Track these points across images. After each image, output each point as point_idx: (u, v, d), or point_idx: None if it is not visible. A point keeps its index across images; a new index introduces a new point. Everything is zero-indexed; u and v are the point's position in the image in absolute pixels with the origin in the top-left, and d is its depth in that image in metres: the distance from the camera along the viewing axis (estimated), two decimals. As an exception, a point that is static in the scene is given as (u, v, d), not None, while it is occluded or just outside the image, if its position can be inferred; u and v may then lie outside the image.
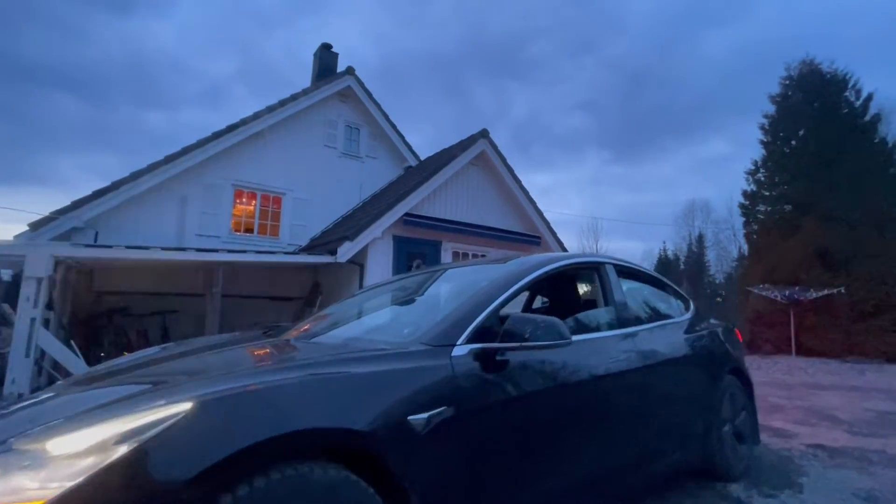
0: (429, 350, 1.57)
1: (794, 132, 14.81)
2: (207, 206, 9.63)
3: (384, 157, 12.37)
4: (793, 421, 4.64)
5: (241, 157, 10.05)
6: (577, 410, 1.93)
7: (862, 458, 3.47)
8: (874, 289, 11.88)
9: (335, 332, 1.97)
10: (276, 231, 10.47)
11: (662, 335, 2.66)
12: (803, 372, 9.07)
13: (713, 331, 3.16)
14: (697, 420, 2.69)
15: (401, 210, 8.65)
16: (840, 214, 12.78)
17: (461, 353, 1.60)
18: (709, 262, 38.84)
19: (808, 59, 15.21)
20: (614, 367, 2.13)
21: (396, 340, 1.72)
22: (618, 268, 2.67)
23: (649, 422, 2.32)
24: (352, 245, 7.92)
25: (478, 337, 1.69)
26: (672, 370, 2.59)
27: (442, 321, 1.71)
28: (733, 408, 3.03)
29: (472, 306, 1.78)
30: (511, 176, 10.44)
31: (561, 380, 1.87)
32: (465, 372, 1.56)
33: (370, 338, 1.81)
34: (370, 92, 11.97)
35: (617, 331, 2.35)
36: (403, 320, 2.02)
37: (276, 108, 10.33)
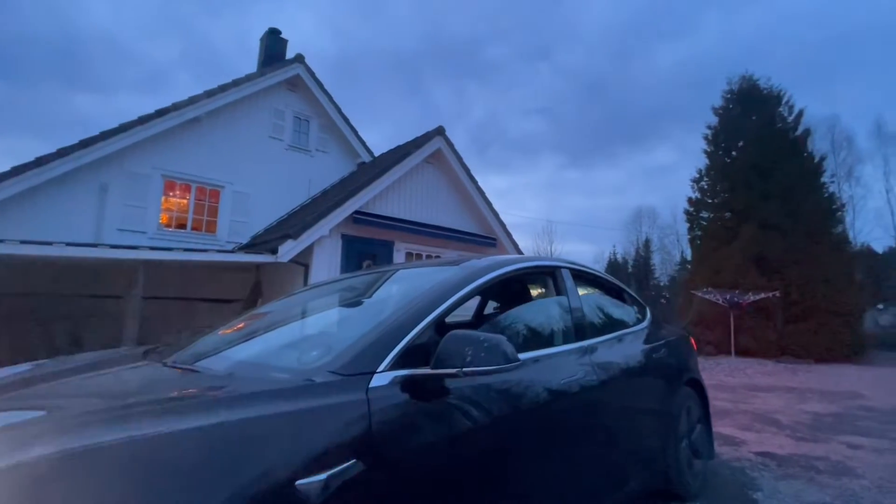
0: (338, 381, 1.19)
1: (735, 143, 15.61)
2: (132, 197, 8.67)
3: (335, 152, 11.77)
4: (740, 427, 4.64)
5: (174, 146, 9.15)
6: (531, 442, 1.62)
7: (808, 466, 3.43)
8: (804, 293, 12.68)
9: (228, 353, 1.55)
10: (213, 227, 9.63)
11: (622, 347, 2.43)
12: (743, 373, 9.43)
13: (670, 340, 2.98)
14: (657, 438, 2.48)
15: (350, 207, 8.16)
16: (775, 222, 13.56)
17: (382, 384, 1.24)
18: (654, 266, 40.79)
19: (748, 76, 16.12)
20: (572, 386, 1.85)
21: (299, 367, 1.33)
22: (574, 272, 2.41)
23: (612, 445, 2.07)
24: (295, 244, 7.34)
25: (407, 360, 1.33)
26: (632, 385, 2.36)
27: (358, 342, 1.33)
28: (690, 422, 2.86)
29: (401, 321, 1.42)
30: (467, 175, 10.20)
31: (512, 407, 1.56)
32: (386, 408, 1.20)
33: (268, 362, 1.41)
34: (321, 82, 11.35)
35: (574, 344, 2.07)
36: (317, 338, 1.62)
37: (216, 93, 9.50)
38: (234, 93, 9.85)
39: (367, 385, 1.21)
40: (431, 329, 1.48)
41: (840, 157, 25.79)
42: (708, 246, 15.24)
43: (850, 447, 3.96)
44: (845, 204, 15.68)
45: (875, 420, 5.12)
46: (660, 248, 40.52)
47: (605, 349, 2.25)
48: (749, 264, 13.56)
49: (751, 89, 15.80)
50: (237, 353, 1.55)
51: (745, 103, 15.65)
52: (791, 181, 13.76)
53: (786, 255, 13.17)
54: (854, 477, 3.21)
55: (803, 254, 12.99)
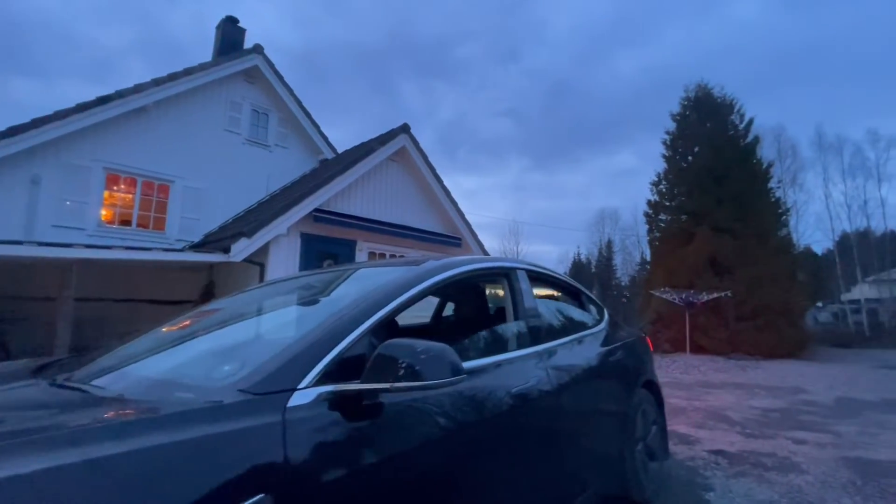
0: (248, 402, 1.03)
1: (691, 149, 16.24)
2: (70, 191, 8.01)
3: (296, 148, 11.35)
4: (694, 424, 4.73)
5: (118, 137, 8.52)
6: (483, 457, 1.50)
7: (758, 463, 3.51)
8: (753, 292, 13.33)
9: (132, 369, 1.34)
10: (162, 224, 9.05)
11: (578, 350, 2.36)
12: (697, 370, 9.78)
13: (627, 342, 2.95)
14: (614, 443, 2.43)
15: (310, 205, 7.85)
16: (726, 225, 14.19)
17: (303, 403, 1.09)
18: (616, 266, 42.11)
19: (703, 84, 16.81)
20: (526, 394, 1.75)
21: (207, 385, 1.15)
22: (530, 273, 2.32)
23: (569, 454, 1.99)
24: (249, 242, 6.98)
25: (339, 374, 1.19)
26: (589, 390, 2.29)
27: (278, 355, 1.17)
28: (645, 424, 2.84)
29: (332, 329, 1.27)
30: (432, 174, 10.07)
31: (459, 421, 1.43)
32: (306, 431, 1.05)
33: (174, 379, 1.22)
34: (281, 75, 10.91)
35: (529, 348, 1.97)
36: (236, 349, 1.44)
37: (165, 81, 8.92)
38: (186, 82, 9.29)
39: (285, 405, 1.06)
40: (371, 337, 1.33)
41: (785, 164, 27.39)
42: (665, 247, 15.79)
43: (795, 442, 4.10)
44: (790, 208, 16.61)
45: (817, 414, 5.36)
46: (621, 249, 41.92)
47: (561, 353, 2.17)
48: (703, 265, 14.14)
49: (706, 97, 16.49)
50: (142, 369, 1.35)
51: (701, 110, 16.32)
52: (741, 186, 14.45)
53: (736, 256, 13.81)
54: (799, 473, 3.30)
55: (752, 255, 13.66)
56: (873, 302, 27.53)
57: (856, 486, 3.07)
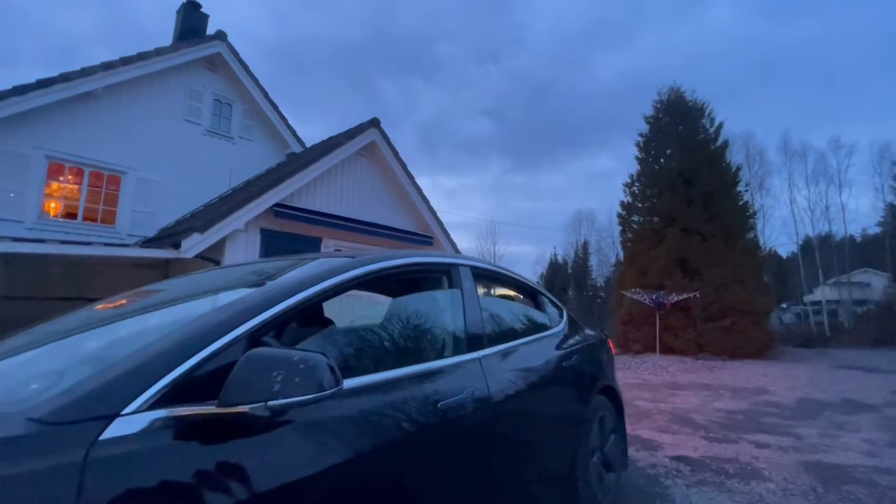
0: (37, 436, 0.76)
1: (663, 151, 16.45)
2: (6, 180, 7.39)
3: (262, 141, 10.89)
4: (658, 428, 4.62)
5: (63, 122, 7.93)
6: (408, 482, 1.27)
7: (720, 470, 3.39)
8: (720, 293, 13.55)
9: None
10: (112, 218, 8.49)
11: (529, 355, 2.15)
12: (665, 371, 9.81)
13: (586, 345, 2.76)
14: (567, 454, 2.23)
15: (270, 199, 7.46)
16: (696, 227, 14.40)
17: (125, 433, 0.82)
18: (592, 267, 42.68)
19: (676, 87, 17.06)
20: (460, 407, 1.52)
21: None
22: (476, 271, 2.09)
23: (514, 470, 1.78)
24: (202, 238, 6.57)
25: (194, 391, 0.93)
26: (539, 398, 2.09)
27: (105, 369, 0.90)
28: (603, 433, 2.66)
29: (189, 336, 1.01)
30: (403, 171, 9.78)
31: (372, 443, 1.19)
32: (121, 475, 0.79)
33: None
34: (246, 64, 10.44)
35: (467, 355, 1.75)
36: (66, 362, 1.15)
37: (117, 65, 8.36)
38: (141, 67, 8.73)
39: (95, 438, 0.79)
40: (235, 350, 1.06)
41: (753, 168, 28.22)
42: (637, 248, 15.93)
43: (757, 447, 4.02)
44: (757, 212, 17.03)
45: (779, 416, 5.34)
46: (597, 250, 42.53)
47: (507, 358, 1.96)
48: (673, 266, 14.30)
49: (678, 100, 16.73)
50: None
51: (673, 113, 16.54)
52: (711, 188, 14.70)
53: (705, 257, 14.02)
54: (762, 480, 3.19)
55: (720, 257, 13.90)
56: (833, 303, 28.68)
57: (817, 493, 2.97)
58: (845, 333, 23.62)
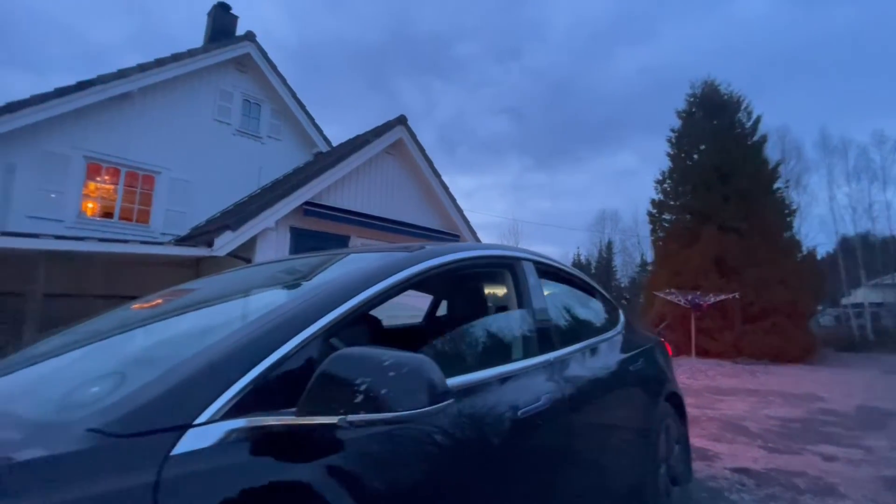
0: (103, 450, 0.63)
1: (696, 147, 15.85)
2: (47, 181, 7.60)
3: (289, 140, 10.95)
4: (710, 437, 4.34)
5: (100, 124, 8.12)
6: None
7: (789, 485, 3.12)
8: (760, 294, 12.94)
9: None
10: (146, 217, 8.65)
11: (596, 359, 1.97)
12: (704, 375, 9.38)
13: (647, 348, 2.56)
14: (635, 467, 2.04)
15: (300, 198, 7.46)
16: (733, 225, 13.80)
17: (199, 447, 0.69)
18: (616, 268, 41.76)
19: (710, 80, 16.43)
20: (538, 417, 1.36)
21: (56, 418, 0.76)
22: (539, 266, 1.92)
23: (584, 486, 1.60)
24: (234, 236, 6.59)
25: (268, 398, 0.80)
26: (609, 406, 1.90)
27: (171, 372, 0.78)
28: (668, 443, 2.45)
29: (258, 336, 0.88)
30: (430, 168, 9.67)
31: (454, 455, 1.05)
32: (199, 496, 0.66)
33: (18, 408, 0.82)
34: (275, 64, 10.51)
35: (538, 357, 1.58)
36: (126, 364, 1.03)
37: (151, 67, 8.52)
38: (174, 68, 8.88)
39: (167, 453, 0.66)
40: (324, 344, 0.94)
41: (790, 165, 26.98)
42: (669, 247, 15.40)
43: (824, 459, 3.71)
44: (796, 209, 16.22)
45: (840, 426, 4.97)
46: (621, 250, 41.60)
47: (576, 362, 1.78)
48: (709, 266, 13.75)
49: (712, 94, 16.11)
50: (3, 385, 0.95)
51: (707, 107, 15.93)
52: (748, 185, 14.07)
53: (744, 256, 13.42)
54: (839, 497, 2.91)
55: (759, 256, 13.28)
56: (876, 305, 27.18)
57: (906, 514, 2.68)
58: (891, 338, 22.34)
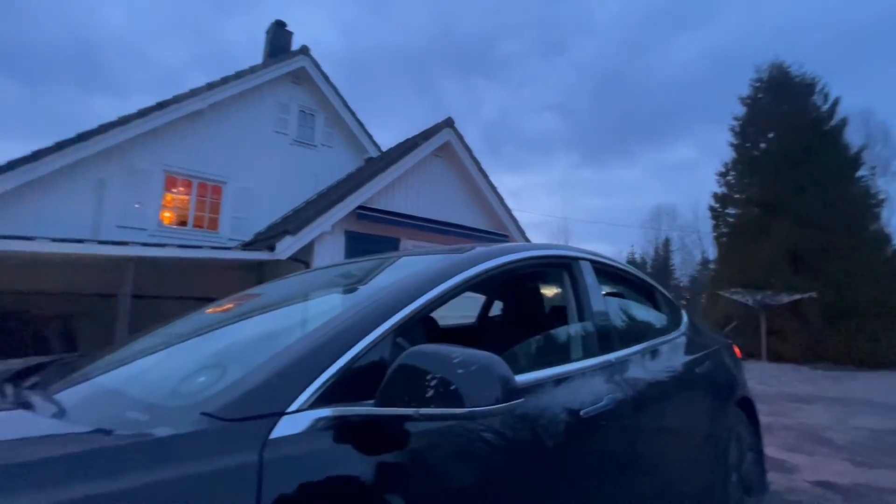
0: (213, 432, 0.72)
1: (764, 134, 14.70)
2: (133, 193, 8.41)
3: (342, 147, 11.39)
4: (787, 447, 4.03)
5: (175, 140, 8.87)
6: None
7: (881, 502, 2.84)
8: (842, 292, 11.76)
9: (102, 377, 1.09)
10: (215, 224, 9.34)
11: (659, 360, 1.91)
12: (777, 380, 8.69)
13: (714, 350, 2.44)
14: (704, 474, 1.96)
15: (353, 203, 7.75)
16: (810, 217, 12.66)
17: (294, 431, 0.77)
18: (674, 266, 39.60)
19: (778, 63, 15.18)
20: (600, 418, 1.35)
21: (171, 402, 0.86)
22: (597, 266, 1.89)
23: (649, 492, 1.56)
24: (294, 240, 6.96)
25: (345, 390, 0.87)
26: (674, 410, 1.84)
27: (266, 365, 0.86)
28: (740, 450, 2.32)
29: (338, 333, 0.95)
30: (478, 169, 9.69)
31: (517, 453, 1.08)
32: (294, 474, 0.73)
33: (138, 393, 0.95)
34: (327, 75, 10.97)
35: (598, 358, 1.56)
36: (224, 357, 1.15)
37: (218, 85, 9.20)
38: (238, 85, 9.53)
39: (266, 437, 0.74)
40: (395, 341, 1.00)
41: (875, 150, 24.34)
42: (735, 243, 14.39)
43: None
44: (884, 199, 14.56)
45: (945, 440, 4.43)
46: (680, 247, 39.42)
47: (638, 364, 1.74)
48: (782, 262, 12.69)
49: (781, 77, 14.87)
50: (111, 378, 1.09)
51: (776, 92, 14.72)
52: (827, 173, 12.85)
53: (823, 251, 12.25)
54: (944, 519, 2.61)
55: (842, 250, 12.07)
56: None
57: None
58: None
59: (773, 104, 14.60)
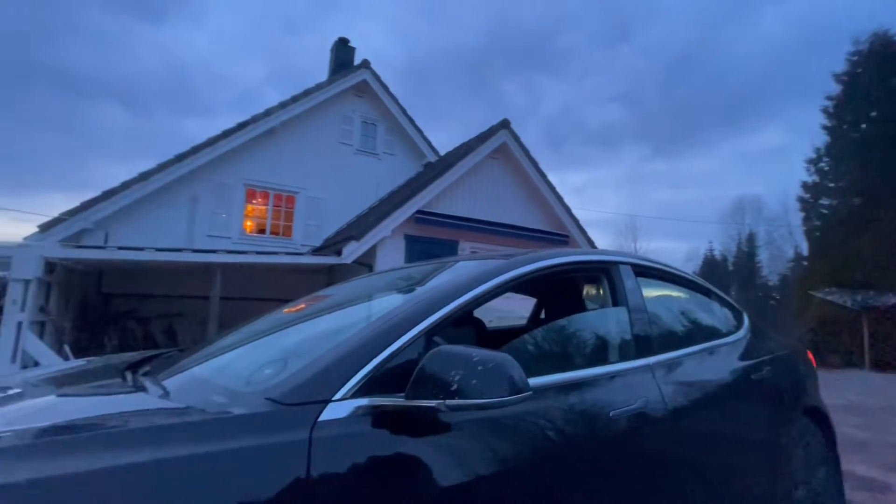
0: (273, 414, 0.91)
1: (864, 114, 13.06)
2: (219, 205, 9.41)
3: (402, 154, 11.83)
4: (882, 466, 3.63)
5: (254, 156, 9.77)
6: (563, 492, 1.21)
7: None
8: (969, 293, 10.15)
9: (196, 368, 1.34)
10: (290, 231, 10.14)
11: (708, 364, 1.89)
12: (881, 393, 7.71)
13: (779, 356, 2.32)
14: (760, 483, 1.89)
15: (412, 207, 8.06)
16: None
17: (337, 417, 0.93)
18: (760, 263, 36.12)
19: (881, 31, 13.39)
20: (632, 418, 1.39)
21: (244, 389, 1.07)
22: (637, 268, 1.90)
23: (689, 497, 1.57)
24: (358, 245, 7.40)
25: (381, 384, 1.02)
26: (723, 415, 1.80)
27: (316, 360, 1.04)
28: (809, 462, 2.19)
29: (377, 333, 1.11)
30: (535, 169, 9.63)
31: (537, 447, 1.17)
32: (339, 451, 0.89)
33: (222, 381, 1.17)
34: (387, 86, 11.47)
35: (635, 361, 1.59)
36: (285, 353, 1.36)
37: (289, 104, 10.00)
38: (306, 102, 10.29)
39: (315, 419, 0.91)
40: (428, 340, 1.14)
41: None
42: (829, 237, 12.93)
43: None
44: None
45: None
46: (767, 242, 35.84)
47: (682, 366, 1.74)
48: (887, 258, 11.20)
49: (884, 48, 13.11)
50: (202, 369, 1.34)
51: (879, 65, 13.01)
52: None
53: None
54: None
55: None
56: None
57: None
58: None
59: (875, 80, 12.92)
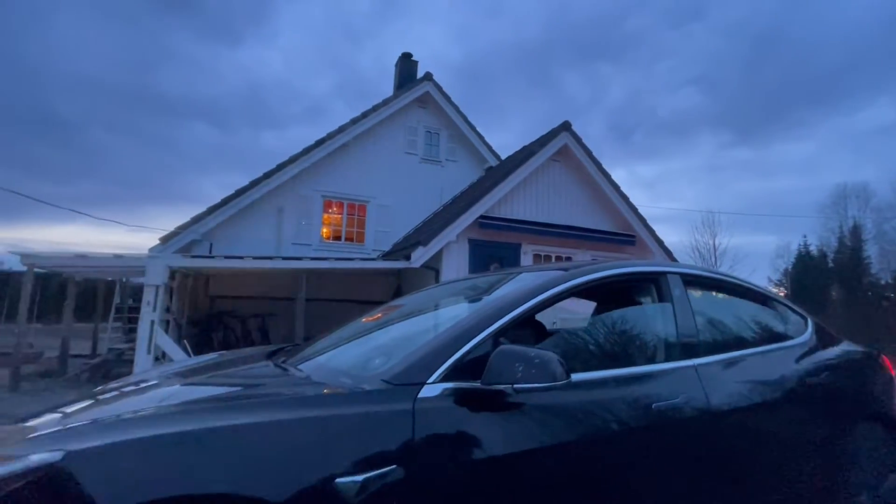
0: (387, 390, 1.28)
1: None
2: (301, 216, 10.40)
3: (464, 160, 12.24)
4: None
5: (329, 169, 10.68)
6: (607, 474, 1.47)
7: None
8: None
9: (321, 357, 1.78)
10: (362, 238, 10.93)
11: (759, 366, 2.01)
12: None
13: (845, 360, 2.35)
14: (811, 486, 1.98)
15: (475, 213, 8.39)
16: None
17: (431, 395, 1.29)
18: (869, 260, 31.95)
19: None
20: (672, 411, 1.61)
21: (361, 374, 1.46)
22: (686, 278, 2.08)
23: (740, 492, 1.74)
24: (425, 250, 7.87)
25: (461, 373, 1.36)
26: (774, 417, 1.92)
27: (413, 353, 1.41)
28: (876, 469, 2.20)
29: (456, 334, 1.45)
30: (598, 170, 9.55)
31: (576, 432, 1.44)
32: (432, 419, 1.24)
33: (341, 368, 1.58)
34: (449, 96, 11.94)
35: (679, 362, 1.79)
36: (388, 346, 1.75)
37: (359, 119, 10.80)
38: (374, 116, 11.05)
39: (416, 395, 1.27)
40: (488, 344, 1.45)
41: None
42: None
43: None
44: None
45: None
46: (877, 235, 31.60)
47: (728, 368, 1.90)
48: None
49: None
50: (325, 358, 1.77)
51: None
52: None
53: None
54: None
55: None
56: None
57: None
58: None
59: None
